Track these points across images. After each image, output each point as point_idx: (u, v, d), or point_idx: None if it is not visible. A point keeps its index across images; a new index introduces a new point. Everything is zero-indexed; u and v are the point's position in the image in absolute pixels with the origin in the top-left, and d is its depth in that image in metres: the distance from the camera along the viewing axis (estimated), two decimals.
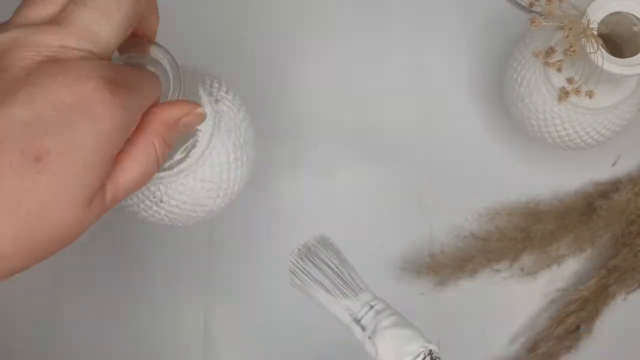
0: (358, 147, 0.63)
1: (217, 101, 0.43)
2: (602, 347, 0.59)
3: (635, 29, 0.49)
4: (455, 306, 0.60)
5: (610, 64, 0.47)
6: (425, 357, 0.35)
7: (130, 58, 0.37)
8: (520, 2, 0.63)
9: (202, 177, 0.42)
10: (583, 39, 0.47)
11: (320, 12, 0.65)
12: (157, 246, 0.61)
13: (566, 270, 0.60)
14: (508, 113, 0.59)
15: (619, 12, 0.49)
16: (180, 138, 0.36)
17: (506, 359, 0.60)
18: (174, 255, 0.61)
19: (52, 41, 0.30)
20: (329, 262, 0.40)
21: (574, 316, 0.58)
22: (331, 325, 0.60)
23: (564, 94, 0.52)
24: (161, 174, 0.40)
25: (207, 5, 0.65)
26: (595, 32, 0.47)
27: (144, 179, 0.33)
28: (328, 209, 0.62)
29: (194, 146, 0.40)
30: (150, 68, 0.37)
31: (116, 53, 0.35)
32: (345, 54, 0.64)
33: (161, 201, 0.42)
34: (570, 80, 0.51)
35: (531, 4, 0.54)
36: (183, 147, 0.40)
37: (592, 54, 0.47)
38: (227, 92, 0.45)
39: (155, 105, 0.34)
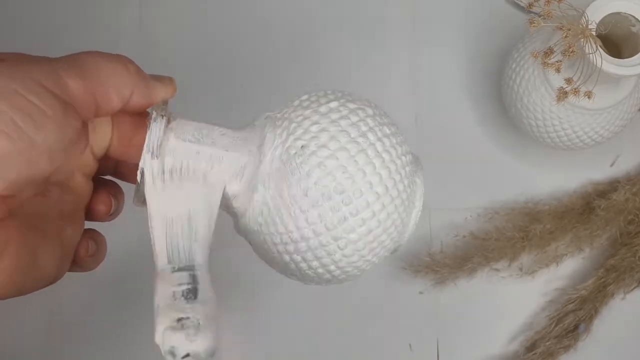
0: None
1: None
2: (601, 346, 0.59)
3: (633, 29, 0.50)
4: (455, 305, 0.60)
5: (609, 64, 0.47)
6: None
7: None
8: (519, 2, 0.63)
9: None
10: (582, 40, 0.47)
11: (320, 14, 0.65)
12: None
13: (565, 270, 0.61)
14: (507, 113, 0.59)
15: (618, 13, 0.49)
16: None
17: (505, 357, 0.60)
18: None
19: None
20: None
21: (573, 315, 0.58)
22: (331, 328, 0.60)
23: (562, 95, 0.52)
24: None
25: (207, 4, 0.65)
26: (594, 33, 0.48)
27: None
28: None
29: None
30: None
31: None
32: (344, 56, 0.64)
33: None
34: (568, 81, 0.51)
35: (530, 5, 0.54)
36: None
37: (591, 55, 0.47)
38: None
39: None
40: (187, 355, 0.30)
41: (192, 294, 0.32)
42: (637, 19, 0.49)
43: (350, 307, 0.60)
